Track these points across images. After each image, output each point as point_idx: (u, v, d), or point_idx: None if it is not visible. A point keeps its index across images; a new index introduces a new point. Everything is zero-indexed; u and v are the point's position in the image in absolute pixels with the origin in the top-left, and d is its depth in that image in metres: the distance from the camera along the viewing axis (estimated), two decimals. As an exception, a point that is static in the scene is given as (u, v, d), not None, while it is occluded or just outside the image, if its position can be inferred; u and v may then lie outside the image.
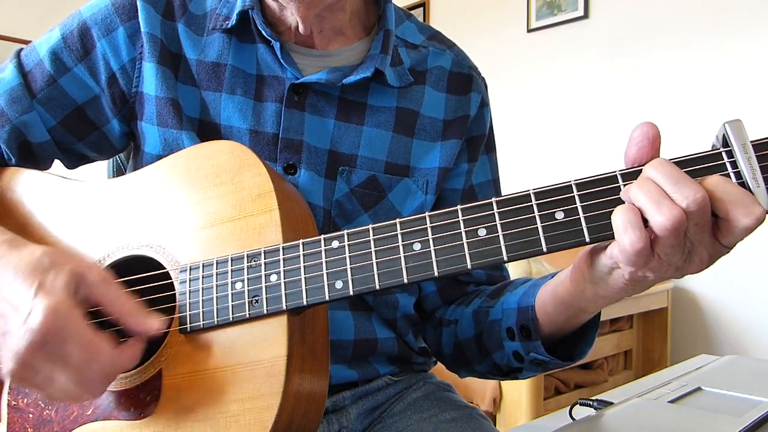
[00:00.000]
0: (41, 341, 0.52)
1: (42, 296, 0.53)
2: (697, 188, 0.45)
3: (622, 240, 0.47)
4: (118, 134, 0.77)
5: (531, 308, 0.67)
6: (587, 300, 0.59)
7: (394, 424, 0.76)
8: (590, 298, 0.59)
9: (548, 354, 0.67)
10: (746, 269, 2.41)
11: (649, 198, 0.46)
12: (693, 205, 0.45)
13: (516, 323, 0.69)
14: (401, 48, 0.81)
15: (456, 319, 0.79)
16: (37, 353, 0.52)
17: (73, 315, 0.53)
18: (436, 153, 0.79)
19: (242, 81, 0.74)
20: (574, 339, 0.68)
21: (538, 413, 1.95)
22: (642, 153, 0.49)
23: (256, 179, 0.60)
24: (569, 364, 0.70)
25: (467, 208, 0.52)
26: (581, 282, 0.57)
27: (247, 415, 0.55)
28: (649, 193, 0.46)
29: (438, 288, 0.82)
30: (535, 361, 0.70)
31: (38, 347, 0.52)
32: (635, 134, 0.50)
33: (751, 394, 0.80)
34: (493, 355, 0.74)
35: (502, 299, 0.74)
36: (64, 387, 0.54)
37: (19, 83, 0.73)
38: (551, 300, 0.65)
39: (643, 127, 0.49)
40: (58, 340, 0.52)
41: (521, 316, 0.68)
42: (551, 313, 0.65)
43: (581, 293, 0.58)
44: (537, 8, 3.05)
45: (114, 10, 0.73)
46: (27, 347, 0.52)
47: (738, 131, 0.47)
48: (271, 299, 0.56)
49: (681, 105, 2.58)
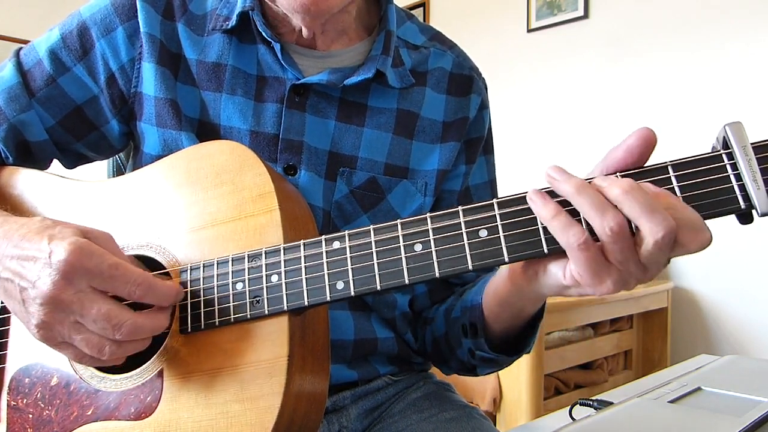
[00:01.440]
0: (69, 275, 0.50)
1: (58, 240, 0.52)
2: None
3: None
4: (117, 134, 0.77)
5: (478, 306, 0.69)
6: (528, 299, 0.60)
7: (394, 424, 0.76)
8: (531, 298, 0.60)
9: (493, 351, 0.69)
10: (746, 269, 2.41)
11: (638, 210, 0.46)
12: None
13: (468, 321, 0.71)
14: (402, 49, 0.81)
15: (433, 317, 0.81)
16: (67, 288, 0.51)
17: (94, 246, 0.52)
18: (435, 155, 0.79)
19: (243, 81, 0.74)
20: (530, 332, 0.69)
21: (538, 413, 1.95)
22: (634, 158, 0.49)
23: (257, 179, 0.60)
24: (516, 357, 0.71)
25: (468, 209, 0.52)
26: (520, 283, 0.58)
27: (248, 416, 0.55)
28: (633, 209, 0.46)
29: (428, 289, 0.83)
30: (483, 358, 0.71)
31: (66, 282, 0.50)
32: (637, 139, 0.49)
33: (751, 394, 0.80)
34: (457, 352, 0.76)
35: (464, 296, 0.75)
36: (95, 327, 0.52)
37: (17, 82, 0.73)
38: (493, 298, 0.66)
39: (649, 135, 0.49)
40: (85, 271, 0.51)
41: (471, 313, 0.70)
42: (497, 311, 0.66)
43: (520, 292, 0.59)
44: (537, 8, 3.05)
45: (113, 10, 0.73)
46: (55, 284, 0.50)
47: (738, 133, 0.47)
48: (272, 300, 0.56)
49: (681, 105, 2.58)
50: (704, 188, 0.47)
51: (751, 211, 0.47)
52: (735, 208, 0.47)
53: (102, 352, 0.53)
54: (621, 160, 0.49)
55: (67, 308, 0.52)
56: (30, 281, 0.52)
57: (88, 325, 0.52)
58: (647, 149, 0.49)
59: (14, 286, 0.54)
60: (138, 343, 0.55)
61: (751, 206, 0.46)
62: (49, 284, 0.51)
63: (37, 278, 0.52)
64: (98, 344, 0.53)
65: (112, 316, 0.52)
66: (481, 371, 0.76)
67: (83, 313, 0.52)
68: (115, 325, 0.52)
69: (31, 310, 0.53)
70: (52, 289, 0.51)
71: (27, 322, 0.54)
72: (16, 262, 0.54)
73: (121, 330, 0.52)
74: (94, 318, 0.52)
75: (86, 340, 0.53)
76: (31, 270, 0.52)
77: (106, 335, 0.53)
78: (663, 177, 0.48)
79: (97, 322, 0.52)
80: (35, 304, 0.52)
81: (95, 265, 0.51)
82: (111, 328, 0.52)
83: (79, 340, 0.53)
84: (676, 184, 0.48)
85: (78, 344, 0.53)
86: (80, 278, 0.51)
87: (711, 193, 0.47)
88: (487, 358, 0.70)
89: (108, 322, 0.52)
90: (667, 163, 0.48)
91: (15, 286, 0.54)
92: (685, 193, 0.48)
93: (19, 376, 0.66)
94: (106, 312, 0.52)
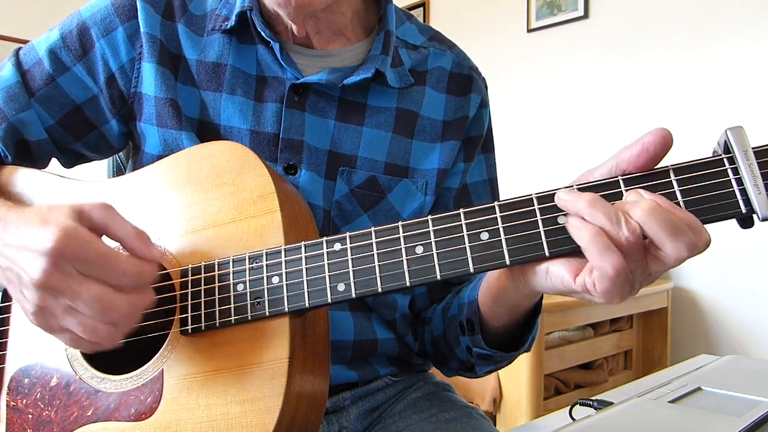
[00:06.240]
0: (56, 258, 0.50)
1: (48, 225, 0.52)
2: None
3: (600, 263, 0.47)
4: (116, 134, 0.77)
5: (475, 301, 0.68)
6: (524, 295, 0.60)
7: (393, 425, 0.76)
8: (528, 294, 0.59)
9: (490, 347, 0.68)
10: (746, 269, 2.41)
11: None
12: None
13: (465, 317, 0.70)
14: (402, 49, 0.81)
15: (431, 317, 0.80)
16: (55, 273, 0.51)
17: (83, 231, 0.52)
18: (435, 154, 0.79)
19: (242, 81, 0.74)
20: (528, 329, 0.69)
21: (538, 413, 1.95)
22: (650, 157, 0.48)
23: (258, 180, 0.60)
24: (514, 354, 0.71)
25: (470, 212, 0.52)
26: (517, 280, 0.57)
27: (248, 417, 0.54)
28: None
29: (428, 289, 0.83)
30: (480, 355, 0.71)
31: (54, 266, 0.51)
32: (654, 138, 0.48)
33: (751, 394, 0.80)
34: (456, 351, 0.75)
35: (460, 293, 0.75)
36: (88, 311, 0.52)
37: (16, 81, 0.73)
38: (488, 293, 0.65)
39: (667, 136, 0.48)
40: (73, 256, 0.51)
41: (468, 309, 0.70)
42: (492, 306, 0.66)
43: (516, 288, 0.59)
44: (537, 8, 3.05)
45: (114, 10, 0.73)
46: (44, 269, 0.51)
47: (740, 138, 0.47)
48: (272, 301, 0.56)
49: (681, 105, 2.58)
50: (705, 192, 0.47)
51: (751, 215, 0.47)
52: (736, 212, 0.47)
53: (97, 335, 0.53)
54: (635, 159, 0.48)
55: (58, 292, 0.52)
56: (23, 268, 0.53)
57: (80, 309, 0.52)
58: (663, 150, 0.48)
59: (13, 273, 0.54)
60: (131, 321, 0.55)
61: (752, 211, 0.46)
62: (39, 270, 0.51)
63: (29, 265, 0.52)
64: (93, 327, 0.53)
65: (102, 299, 0.52)
66: (480, 370, 0.76)
67: (74, 297, 0.52)
68: (107, 307, 0.52)
69: (27, 296, 0.53)
70: (42, 275, 0.51)
71: (25, 309, 0.54)
72: (13, 250, 0.54)
73: (113, 311, 0.52)
74: (85, 301, 0.52)
75: (81, 324, 0.53)
76: (24, 257, 0.53)
77: (99, 318, 0.53)
78: (665, 181, 0.48)
79: (89, 305, 0.52)
80: (29, 290, 0.52)
81: (82, 252, 0.51)
82: (103, 311, 0.52)
83: (75, 324, 0.53)
84: (677, 188, 0.48)
85: (74, 329, 0.53)
86: (66, 264, 0.51)
87: (712, 197, 0.47)
88: (484, 354, 0.70)
89: (99, 305, 0.52)
90: (669, 167, 0.48)
91: (14, 274, 0.54)
92: (686, 197, 0.48)
93: (18, 377, 0.66)
94: (96, 295, 0.52)
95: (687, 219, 0.46)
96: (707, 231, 0.47)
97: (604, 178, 0.50)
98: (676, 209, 0.46)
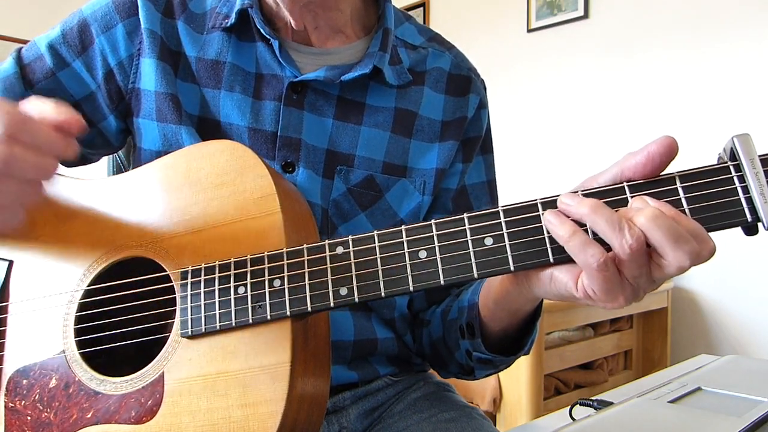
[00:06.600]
0: None
1: None
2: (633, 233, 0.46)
3: None
4: (114, 131, 0.78)
5: (475, 305, 0.68)
6: (526, 299, 0.60)
7: (394, 425, 0.76)
8: (530, 299, 0.59)
9: (490, 352, 0.68)
10: (746, 269, 2.41)
11: None
12: None
13: (465, 321, 0.70)
14: (400, 48, 0.81)
15: (430, 319, 0.80)
16: None
17: None
18: (433, 154, 0.79)
19: (241, 79, 0.74)
20: (527, 332, 0.69)
21: (538, 413, 1.95)
22: (655, 166, 0.48)
23: (258, 181, 0.60)
24: (514, 358, 0.71)
25: (474, 217, 0.52)
26: (520, 285, 0.57)
27: (250, 421, 0.54)
28: None
29: (426, 290, 0.82)
30: (480, 359, 0.70)
31: None
32: (659, 147, 0.47)
33: (751, 394, 0.80)
34: (455, 355, 0.75)
35: (460, 296, 0.75)
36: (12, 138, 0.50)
37: (14, 72, 0.74)
38: (490, 297, 0.65)
39: (672, 144, 0.47)
40: None
41: (468, 313, 0.70)
42: (493, 310, 0.66)
43: (519, 293, 0.58)
44: (537, 8, 3.05)
45: (114, 7, 0.75)
46: None
47: (746, 145, 0.46)
48: (274, 305, 0.56)
49: (681, 105, 2.58)
50: (711, 200, 0.47)
51: (757, 223, 0.47)
52: (741, 220, 0.46)
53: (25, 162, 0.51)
54: (641, 168, 0.48)
55: None
56: None
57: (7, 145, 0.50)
58: (669, 159, 0.48)
59: None
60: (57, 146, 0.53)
61: (758, 219, 0.46)
62: None
63: None
64: (20, 156, 0.51)
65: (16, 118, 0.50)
66: (478, 374, 0.76)
67: None
68: (21, 121, 0.50)
69: None
70: None
71: None
72: None
73: (26, 126, 0.51)
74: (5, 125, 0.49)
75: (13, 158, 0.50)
76: None
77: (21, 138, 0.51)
78: (670, 188, 0.48)
79: (8, 128, 0.50)
80: None
81: None
82: (18, 124, 0.50)
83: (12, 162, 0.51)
84: (683, 195, 0.48)
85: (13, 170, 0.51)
86: None
87: (718, 205, 0.47)
88: (483, 359, 0.70)
89: (18, 122, 0.50)
90: (675, 174, 0.48)
91: None
92: (692, 204, 0.47)
93: (16, 377, 0.65)
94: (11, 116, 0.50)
95: (691, 228, 0.46)
96: (712, 240, 0.46)
97: (609, 185, 0.50)
98: (682, 217, 0.46)
